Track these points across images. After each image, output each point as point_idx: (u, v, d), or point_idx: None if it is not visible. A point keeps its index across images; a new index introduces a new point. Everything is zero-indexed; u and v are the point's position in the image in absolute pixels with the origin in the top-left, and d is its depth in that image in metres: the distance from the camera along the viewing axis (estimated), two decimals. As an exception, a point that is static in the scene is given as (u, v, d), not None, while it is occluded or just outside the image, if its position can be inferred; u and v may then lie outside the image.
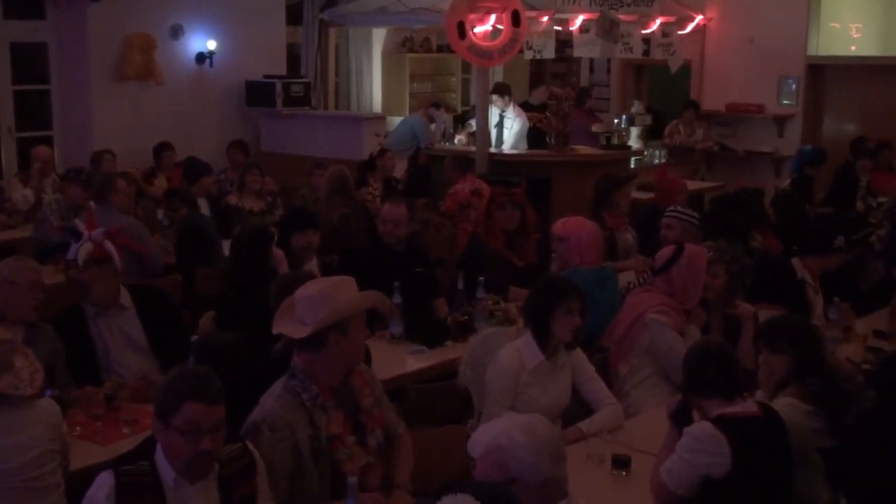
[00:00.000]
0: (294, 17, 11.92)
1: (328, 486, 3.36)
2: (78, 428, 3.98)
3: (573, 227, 5.68)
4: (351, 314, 3.40)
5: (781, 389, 3.71)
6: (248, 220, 7.68)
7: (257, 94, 11.28)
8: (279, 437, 3.29)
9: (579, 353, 4.35)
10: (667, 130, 12.41)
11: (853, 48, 13.17)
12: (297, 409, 3.35)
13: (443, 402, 4.60)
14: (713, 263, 4.91)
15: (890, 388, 3.63)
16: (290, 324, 3.44)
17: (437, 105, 11.62)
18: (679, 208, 6.36)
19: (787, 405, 3.61)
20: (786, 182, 9.15)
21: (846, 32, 13.17)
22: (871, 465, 3.39)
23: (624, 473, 3.70)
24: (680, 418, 3.51)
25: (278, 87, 11.15)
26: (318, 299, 3.39)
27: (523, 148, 10.75)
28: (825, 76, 12.71)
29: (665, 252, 4.91)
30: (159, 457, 2.97)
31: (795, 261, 5.66)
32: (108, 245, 4.80)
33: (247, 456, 3.14)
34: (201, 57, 11.01)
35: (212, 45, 11.00)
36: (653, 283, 4.93)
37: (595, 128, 11.22)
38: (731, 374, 3.49)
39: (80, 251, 4.76)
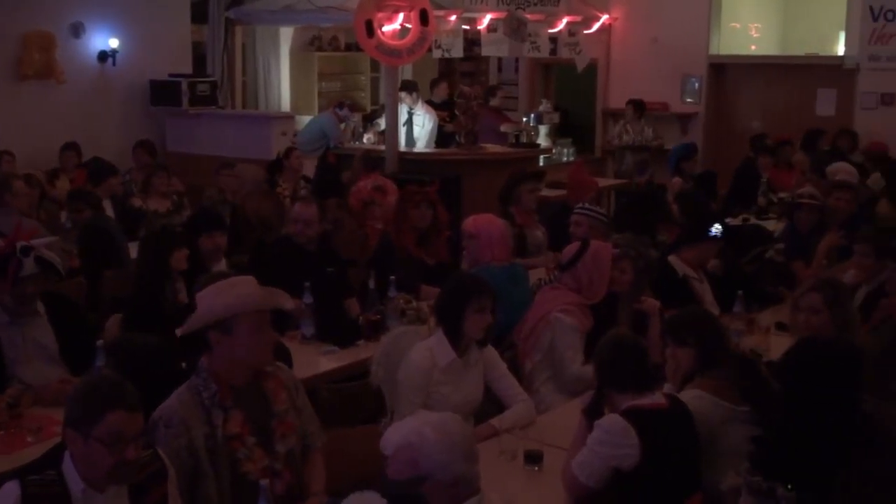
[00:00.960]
0: (199, 15, 11.74)
1: (228, 488, 3.30)
2: (-20, 437, 3.87)
3: (483, 224, 5.71)
4: (227, 315, 3.32)
5: (688, 382, 3.78)
6: (154, 221, 7.54)
7: (162, 93, 11.09)
8: (173, 434, 3.24)
9: (491, 351, 4.37)
10: (616, 131, 12.36)
11: (753, 47, 13.54)
12: (195, 407, 3.30)
13: (356, 402, 4.58)
14: (620, 259, 4.99)
15: (792, 378, 3.73)
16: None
17: (341, 105, 11.58)
18: (587, 205, 6.44)
19: (694, 397, 3.68)
20: (673, 178, 9.34)
21: (746, 32, 13.52)
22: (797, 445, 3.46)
23: (536, 468, 3.73)
24: (593, 412, 3.55)
25: (184, 86, 10.98)
26: (201, 298, 3.39)
27: (432, 145, 10.79)
28: (726, 75, 13.02)
29: (571, 248, 4.99)
30: (67, 466, 2.89)
31: (673, 258, 5.73)
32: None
33: (157, 462, 3.09)
34: (103, 55, 10.77)
35: (114, 43, 10.77)
36: (560, 280, 5.00)
37: (504, 127, 11.30)
38: (645, 367, 3.55)
39: (26, 264, 4.55)
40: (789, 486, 3.11)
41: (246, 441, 3.33)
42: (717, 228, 5.65)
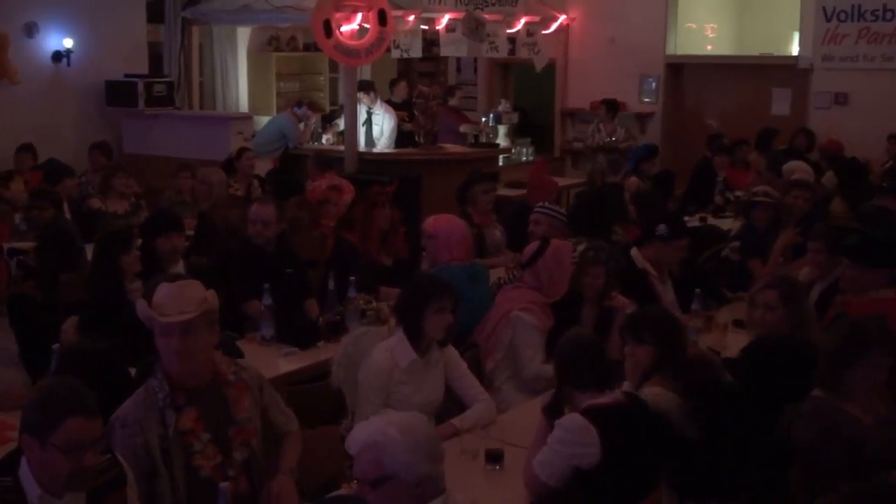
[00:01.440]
0: (155, 14, 11.64)
1: (183, 489, 3.30)
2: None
3: (442, 225, 5.72)
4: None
5: (647, 379, 3.81)
6: (112, 223, 7.47)
7: (118, 93, 10.98)
8: (129, 434, 3.26)
9: (451, 351, 4.38)
10: (588, 131, 12.26)
11: (709, 47, 13.67)
12: (150, 408, 3.31)
13: (316, 404, 4.56)
14: (593, 266, 5.05)
15: (750, 374, 3.78)
16: None
17: (299, 104, 11.54)
18: (547, 205, 6.47)
19: (653, 394, 3.71)
20: (630, 178, 9.42)
21: (702, 32, 13.65)
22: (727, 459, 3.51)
23: (497, 467, 3.74)
24: (553, 411, 3.57)
25: (140, 86, 10.88)
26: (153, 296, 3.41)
27: (392, 145, 10.79)
28: (683, 75, 13.13)
29: (532, 246, 5.02)
30: (24, 472, 2.85)
31: (634, 251, 5.81)
32: None
33: (116, 467, 3.06)
34: (58, 55, 10.66)
35: (69, 43, 10.66)
36: (521, 278, 5.02)
37: (463, 128, 11.32)
38: (604, 365, 3.58)
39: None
40: None
41: (200, 437, 3.33)
42: (662, 229, 5.68)
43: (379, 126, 11.18)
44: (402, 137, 11.19)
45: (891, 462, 3.62)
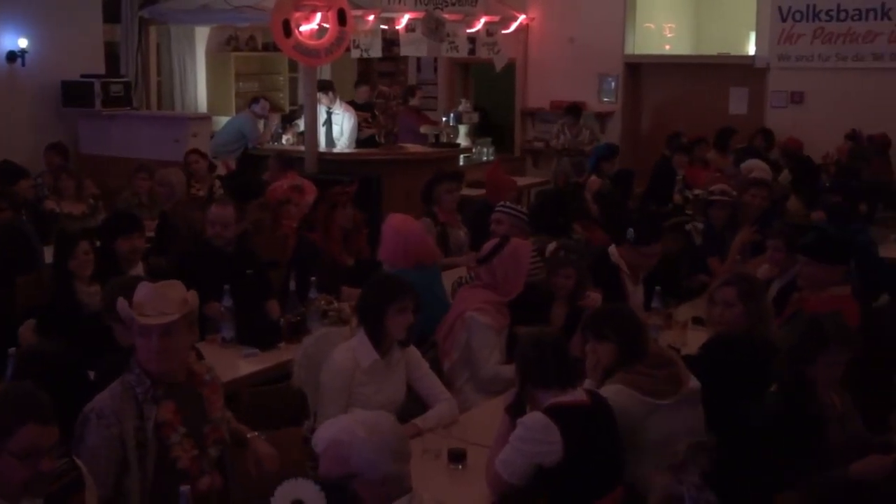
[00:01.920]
0: (111, 14, 11.51)
1: (152, 487, 3.30)
2: None
3: (398, 225, 5.71)
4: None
5: (609, 377, 3.82)
6: (68, 225, 7.39)
7: (74, 94, 10.84)
8: (106, 424, 3.26)
9: (413, 350, 4.38)
10: (552, 133, 12.18)
11: (667, 47, 13.77)
12: (128, 401, 3.32)
13: (278, 405, 4.54)
14: (564, 266, 5.07)
15: (708, 372, 3.81)
16: None
17: (256, 100, 11.48)
18: (508, 204, 6.48)
19: (614, 392, 3.72)
20: (591, 178, 9.48)
21: (660, 32, 13.76)
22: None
23: (460, 467, 3.74)
24: (516, 410, 3.57)
25: (97, 86, 10.75)
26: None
27: (352, 145, 10.77)
28: (642, 74, 13.21)
29: (490, 244, 5.03)
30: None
31: (612, 248, 5.85)
32: None
33: (74, 471, 3.02)
34: (12, 55, 10.49)
35: (23, 42, 10.50)
36: (477, 276, 5.03)
37: (423, 129, 11.31)
38: (566, 364, 3.59)
39: None
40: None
41: (177, 429, 3.36)
42: (629, 233, 5.72)
43: (339, 126, 11.15)
44: (363, 139, 11.17)
45: (847, 456, 3.67)
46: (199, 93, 12.95)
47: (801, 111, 11.74)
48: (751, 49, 12.74)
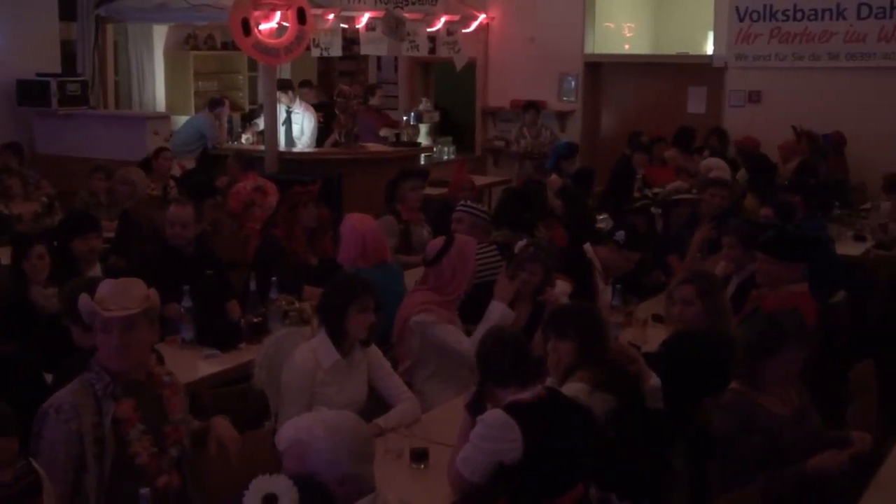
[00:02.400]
0: (68, 12, 11.37)
1: (110, 486, 3.29)
2: None
3: (356, 224, 5.70)
4: (88, 312, 3.36)
5: (569, 375, 3.84)
6: (19, 226, 7.30)
7: (30, 93, 10.72)
8: (64, 419, 3.25)
9: (375, 350, 4.37)
10: (513, 136, 12.05)
11: (626, 47, 13.85)
12: (87, 397, 3.31)
13: (239, 406, 4.51)
14: (532, 262, 5.08)
15: (669, 368, 3.84)
16: None
17: (219, 103, 11.40)
18: (469, 203, 6.49)
19: (575, 390, 3.74)
20: (552, 176, 9.52)
21: (620, 32, 13.83)
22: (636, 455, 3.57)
23: (422, 466, 3.74)
24: (476, 407, 3.58)
25: (53, 85, 10.63)
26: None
27: (313, 145, 10.73)
28: (601, 73, 13.28)
29: (436, 243, 5.02)
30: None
31: (587, 245, 5.88)
32: None
33: (32, 474, 3.00)
34: (-34, 54, 10.37)
35: (-23, 41, 10.38)
36: (424, 278, 5.02)
37: (382, 132, 11.28)
38: (526, 361, 3.59)
39: None
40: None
41: (136, 426, 3.36)
42: (620, 236, 5.75)
43: (299, 125, 11.11)
44: (323, 137, 11.15)
45: (805, 452, 3.71)
46: (158, 92, 12.84)
47: (758, 110, 11.85)
48: (709, 49, 12.84)
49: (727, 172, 8.30)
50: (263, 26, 9.55)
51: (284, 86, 11.00)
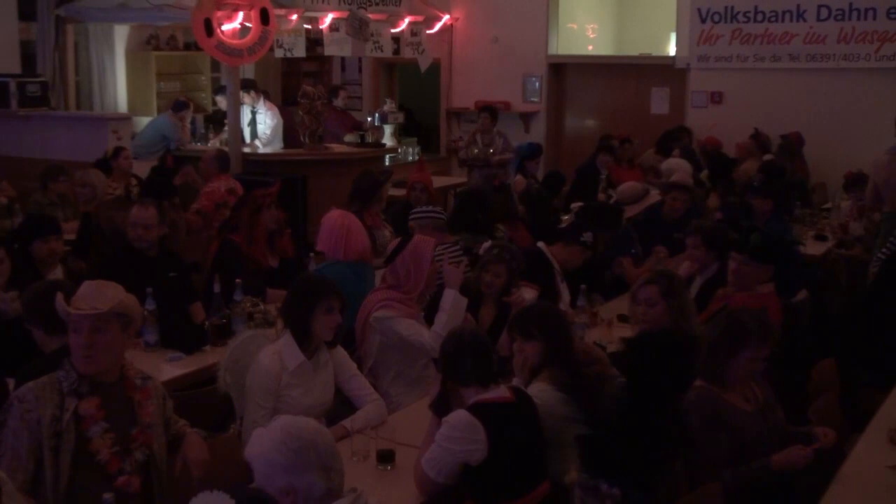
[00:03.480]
0: (27, 12, 11.22)
1: (67, 481, 3.29)
2: None
3: (344, 217, 5.71)
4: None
5: (535, 376, 3.85)
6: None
7: (-11, 94, 10.56)
8: (26, 409, 3.30)
9: (340, 352, 4.36)
10: (463, 142, 11.39)
11: (590, 48, 13.91)
12: (51, 391, 3.35)
13: (204, 409, 4.47)
14: (496, 264, 5.11)
15: (634, 367, 3.86)
16: None
17: (183, 105, 11.31)
18: (418, 209, 6.46)
19: (540, 391, 3.75)
20: (516, 177, 9.53)
21: (583, 33, 13.89)
22: (623, 444, 3.58)
23: (389, 468, 3.74)
24: (440, 408, 3.58)
25: (12, 86, 10.48)
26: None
27: (279, 145, 10.66)
28: (565, 74, 13.33)
29: (394, 243, 5.05)
30: None
31: (542, 244, 5.90)
32: None
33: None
34: (-77, 54, 10.20)
35: (-65, 41, 10.22)
36: (383, 278, 5.03)
37: (346, 139, 11.23)
38: (486, 361, 3.60)
39: None
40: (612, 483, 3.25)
41: (99, 424, 3.37)
42: (588, 237, 5.80)
43: (263, 125, 11.05)
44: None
45: (769, 447, 3.75)
46: (119, 93, 12.70)
47: (720, 111, 11.95)
48: (671, 50, 12.94)
49: (689, 173, 8.32)
50: (226, 27, 9.49)
51: (248, 86, 10.94)
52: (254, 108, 10.89)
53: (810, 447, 3.71)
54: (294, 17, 10.51)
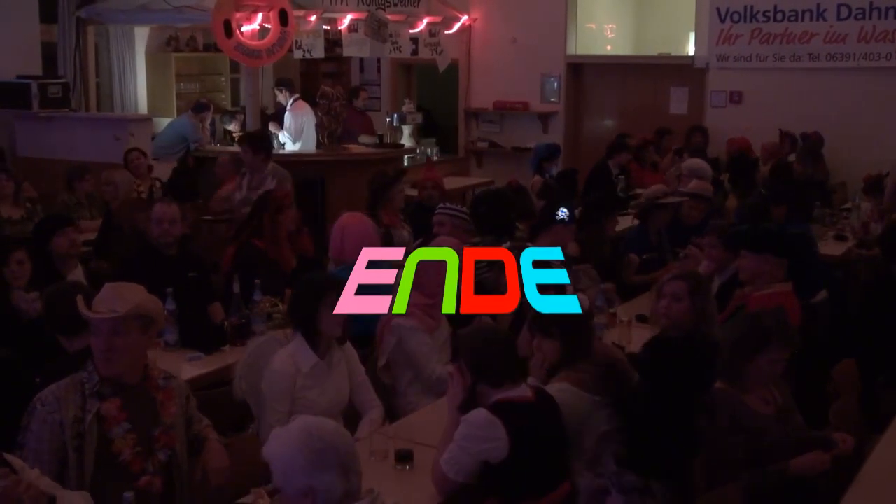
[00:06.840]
0: (48, 14, 11.30)
1: (91, 480, 3.31)
2: None
3: (348, 219, 5.71)
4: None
5: (554, 374, 3.85)
6: (5, 229, 7.25)
7: (11, 95, 10.62)
8: (48, 411, 3.32)
9: (352, 352, 4.37)
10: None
11: (609, 48, 13.88)
12: (73, 392, 3.37)
13: (224, 409, 4.49)
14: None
15: (651, 369, 3.85)
16: None
17: (204, 107, 11.36)
18: (448, 205, 6.45)
19: (559, 389, 3.75)
20: (534, 177, 9.52)
21: (602, 33, 13.86)
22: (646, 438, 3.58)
23: (407, 467, 3.74)
24: (466, 408, 3.56)
25: (34, 87, 10.55)
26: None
27: (310, 145, 10.60)
28: (584, 74, 13.30)
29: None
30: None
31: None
32: None
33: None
34: (-55, 56, 10.28)
35: (-43, 43, 10.29)
36: None
37: (361, 139, 11.24)
38: (515, 359, 3.60)
39: None
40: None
41: (121, 425, 3.39)
42: (563, 212, 5.74)
43: (287, 123, 11.07)
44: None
45: (788, 452, 3.73)
46: (140, 94, 12.78)
47: (739, 111, 11.90)
48: (690, 49, 12.89)
49: (709, 179, 8.19)
50: (245, 28, 9.53)
51: (282, 83, 10.96)
52: (286, 105, 10.92)
53: (829, 453, 3.70)
54: (313, 18, 10.54)
